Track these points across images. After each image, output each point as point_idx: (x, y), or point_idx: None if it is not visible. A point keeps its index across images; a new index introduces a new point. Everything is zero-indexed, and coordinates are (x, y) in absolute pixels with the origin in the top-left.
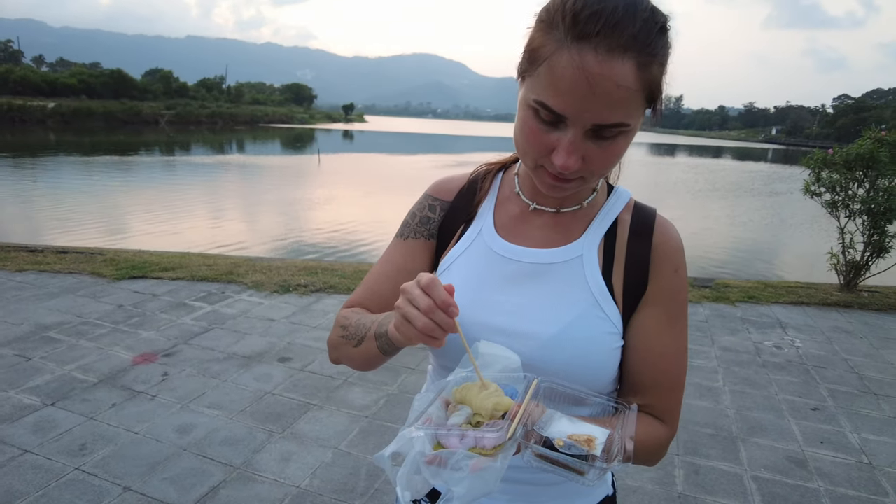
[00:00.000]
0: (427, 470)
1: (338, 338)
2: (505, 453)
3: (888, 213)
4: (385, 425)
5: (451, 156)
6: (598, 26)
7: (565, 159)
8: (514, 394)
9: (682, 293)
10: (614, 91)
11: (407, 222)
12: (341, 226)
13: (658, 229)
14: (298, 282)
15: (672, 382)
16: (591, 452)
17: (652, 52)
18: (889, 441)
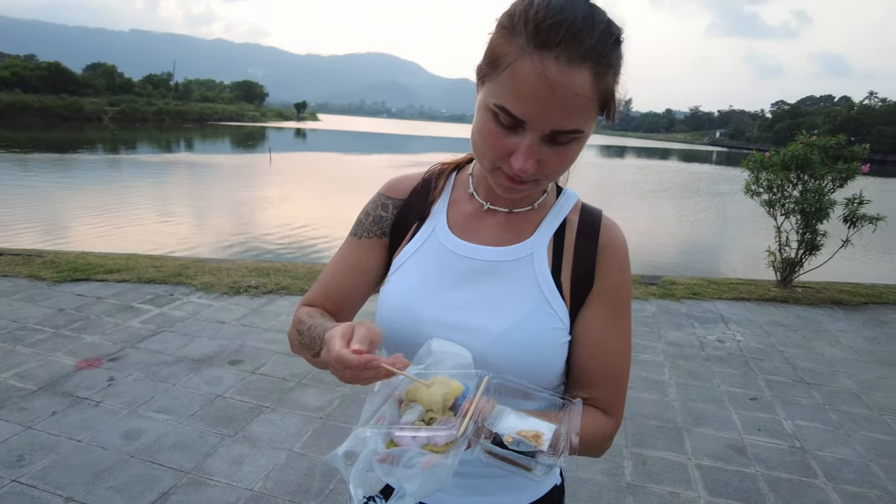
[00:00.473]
0: (380, 468)
1: (296, 340)
2: (456, 450)
3: (819, 213)
4: (339, 426)
5: (406, 156)
6: (559, 36)
7: (523, 163)
8: (464, 392)
9: (626, 291)
10: (572, 99)
11: (360, 221)
12: (293, 226)
13: (604, 230)
14: (249, 283)
15: (616, 376)
16: (538, 448)
17: (608, 62)
18: (819, 426)
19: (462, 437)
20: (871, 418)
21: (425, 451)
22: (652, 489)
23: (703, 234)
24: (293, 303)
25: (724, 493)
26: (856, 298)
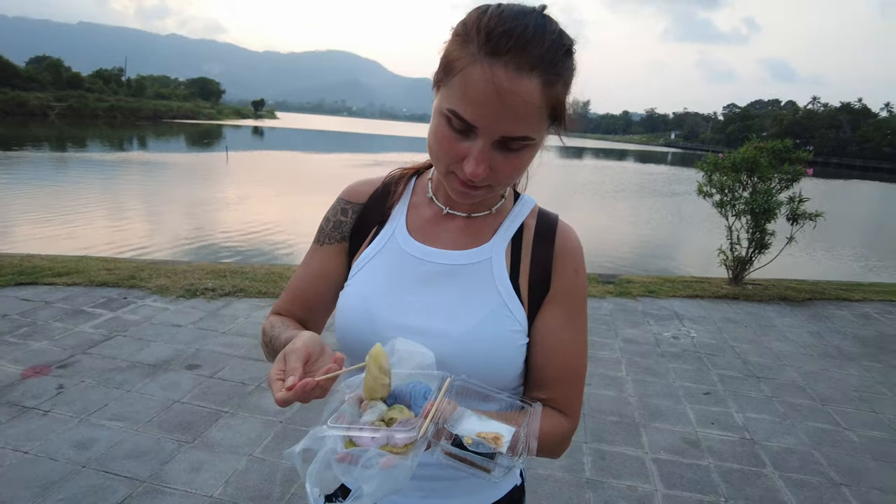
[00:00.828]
0: (338, 467)
1: (264, 348)
2: (416, 451)
3: (767, 213)
4: (300, 429)
5: (367, 155)
6: (509, 44)
7: (474, 167)
8: (427, 391)
9: (582, 292)
10: (521, 106)
11: (322, 228)
12: (252, 227)
13: (560, 233)
14: (206, 286)
15: (573, 377)
16: (497, 450)
17: (557, 71)
18: (767, 418)
19: (422, 439)
20: (814, 409)
21: (384, 451)
22: (611, 484)
23: (659, 233)
24: (251, 305)
25: (679, 485)
26: (801, 294)
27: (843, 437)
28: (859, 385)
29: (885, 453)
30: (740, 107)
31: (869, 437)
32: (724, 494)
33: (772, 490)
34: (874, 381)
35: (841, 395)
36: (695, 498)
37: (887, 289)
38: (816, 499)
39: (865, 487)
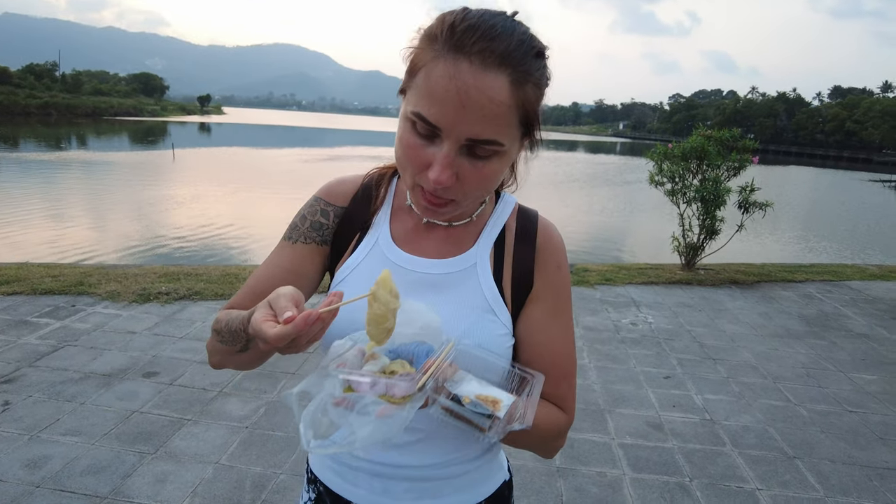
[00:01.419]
0: (334, 411)
1: (216, 343)
2: (413, 403)
3: (716, 201)
4: (267, 434)
5: (321, 150)
6: (473, 38)
7: (439, 173)
8: (430, 351)
9: (566, 288)
10: (487, 104)
11: (296, 225)
12: (204, 226)
13: (541, 231)
14: (159, 290)
15: (563, 371)
16: (495, 413)
17: (527, 70)
18: (724, 398)
19: (420, 392)
20: (766, 387)
21: (381, 400)
22: (580, 471)
23: (613, 222)
24: (208, 309)
25: (646, 468)
26: (750, 278)
27: (795, 413)
28: (806, 362)
29: (832, 425)
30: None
31: (817, 411)
32: (688, 474)
33: (732, 467)
34: (819, 357)
35: (790, 372)
36: (661, 480)
37: (826, 269)
38: (773, 473)
39: (816, 459)
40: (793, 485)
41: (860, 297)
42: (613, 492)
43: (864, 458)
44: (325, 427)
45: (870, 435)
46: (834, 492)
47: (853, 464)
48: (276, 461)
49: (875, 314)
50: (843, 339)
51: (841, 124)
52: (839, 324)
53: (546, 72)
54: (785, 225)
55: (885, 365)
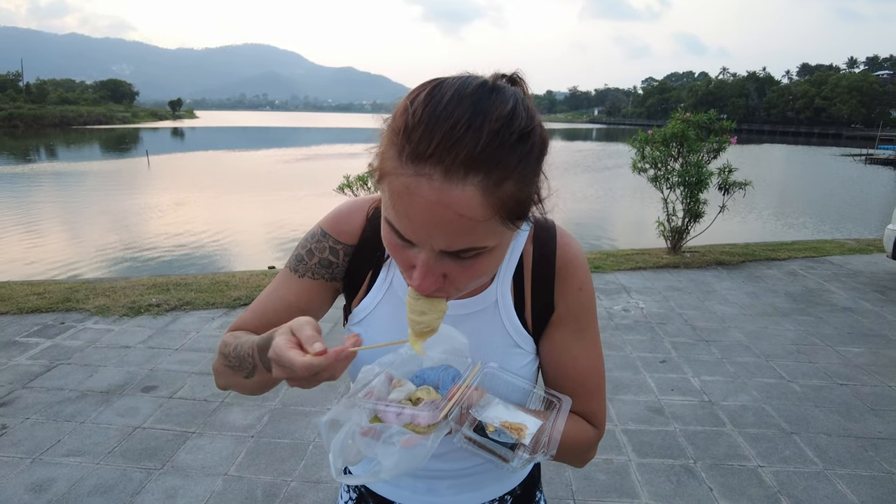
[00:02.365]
0: (361, 441)
1: (222, 367)
2: (437, 433)
3: (699, 184)
4: (274, 442)
5: (298, 149)
6: (431, 147)
7: (420, 281)
8: (456, 376)
9: (589, 307)
10: (455, 220)
11: (302, 258)
12: (187, 234)
13: (559, 254)
14: (150, 301)
15: (591, 388)
16: (519, 441)
17: (504, 168)
18: (720, 379)
19: (444, 421)
20: (760, 366)
21: (407, 430)
22: None
23: (596, 209)
24: (201, 318)
25: (650, 452)
26: (735, 258)
27: (789, 389)
28: (795, 338)
29: (825, 399)
30: (658, 80)
31: (809, 385)
32: (692, 456)
33: (733, 446)
34: (807, 333)
35: (781, 349)
36: (666, 463)
37: (807, 245)
38: (773, 449)
39: (813, 433)
40: (793, 460)
41: (842, 271)
42: (621, 478)
43: (857, 430)
44: (353, 454)
45: (861, 406)
46: (832, 464)
47: (848, 436)
48: (285, 469)
49: (857, 288)
50: (829, 314)
51: (810, 101)
52: (824, 299)
53: (535, 152)
54: (764, 203)
55: (870, 337)
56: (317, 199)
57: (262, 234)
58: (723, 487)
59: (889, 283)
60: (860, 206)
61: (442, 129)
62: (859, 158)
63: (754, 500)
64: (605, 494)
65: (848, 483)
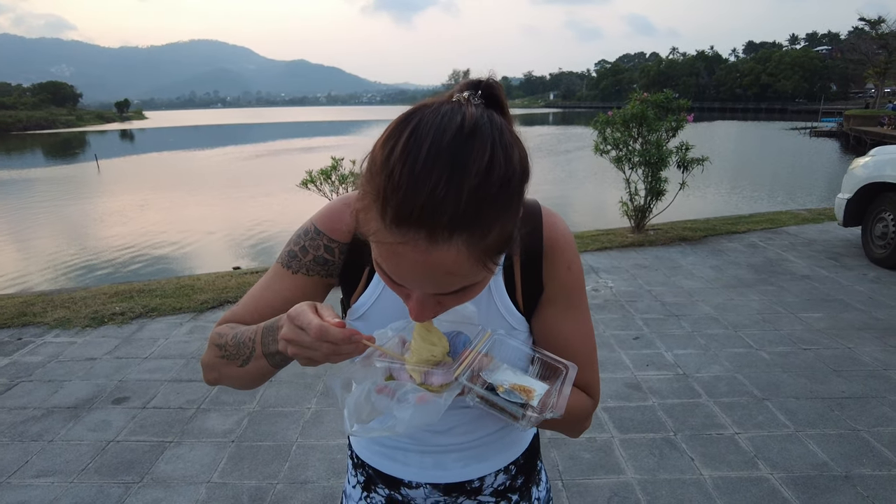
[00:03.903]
0: (376, 398)
1: (215, 358)
2: (450, 391)
3: (660, 163)
4: (256, 445)
5: (254, 146)
6: (414, 213)
7: (417, 313)
8: (467, 341)
9: (578, 284)
10: (443, 276)
11: (295, 255)
12: (146, 238)
13: (546, 232)
14: (113, 310)
15: (584, 361)
16: (528, 402)
17: (486, 221)
18: (692, 352)
19: (457, 381)
20: (729, 336)
21: (421, 388)
22: (571, 439)
23: (559, 192)
24: (169, 324)
25: (632, 428)
26: (697, 234)
27: (757, 357)
28: (760, 308)
29: (792, 365)
30: (610, 62)
31: (777, 352)
32: (672, 429)
33: (710, 416)
34: (771, 302)
35: (748, 319)
36: (648, 438)
37: (764, 217)
38: (747, 416)
39: (783, 398)
40: (766, 425)
41: (798, 241)
42: (605, 455)
43: (823, 391)
44: (366, 413)
45: (825, 369)
46: (802, 426)
47: (815, 398)
48: (269, 472)
49: (813, 256)
50: (789, 283)
51: (757, 78)
52: (783, 268)
53: (516, 191)
54: (720, 179)
55: (828, 302)
56: (278, 196)
57: (224, 234)
58: (703, 457)
59: (841, 250)
60: (808, 176)
61: (423, 193)
62: (804, 131)
63: (733, 466)
64: (591, 472)
65: (818, 442)
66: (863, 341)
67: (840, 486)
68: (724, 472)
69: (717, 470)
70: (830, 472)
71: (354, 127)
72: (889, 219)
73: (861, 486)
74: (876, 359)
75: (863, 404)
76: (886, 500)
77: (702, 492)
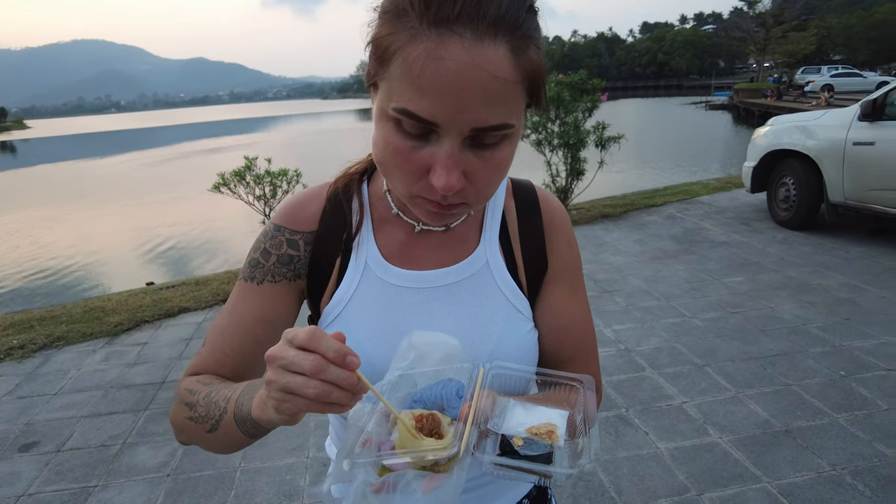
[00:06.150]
0: (375, 499)
1: (183, 419)
2: (460, 465)
3: (578, 144)
4: (195, 477)
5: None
6: (457, 8)
7: (446, 178)
8: (460, 389)
9: (578, 263)
10: (491, 84)
11: (257, 262)
12: (43, 260)
13: (544, 208)
14: (10, 344)
15: (587, 348)
16: (555, 445)
17: (526, 30)
18: (631, 326)
19: (465, 451)
20: (662, 307)
21: (424, 471)
22: None
23: None
24: (80, 353)
25: None
26: (618, 210)
27: (692, 325)
28: (687, 277)
29: (723, 328)
30: None
31: (708, 319)
32: (623, 405)
33: (657, 388)
34: (695, 270)
35: (677, 289)
36: (602, 417)
37: (678, 189)
38: (691, 384)
39: (720, 362)
40: (710, 391)
41: (711, 209)
42: None
43: (755, 352)
44: None
45: (753, 330)
46: (741, 387)
47: (748, 359)
48: (214, 503)
49: (727, 223)
50: (709, 250)
51: (654, 57)
52: (702, 237)
53: (540, 28)
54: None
55: (746, 266)
56: (187, 201)
57: (133, 247)
58: (657, 429)
59: (751, 215)
60: (709, 146)
61: None
62: (700, 105)
63: (686, 435)
64: None
65: (757, 401)
66: (781, 300)
67: (782, 440)
68: (678, 443)
69: (671, 441)
70: (772, 429)
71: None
72: (790, 183)
73: (800, 437)
74: (795, 315)
75: (790, 360)
76: (822, 447)
77: (661, 465)
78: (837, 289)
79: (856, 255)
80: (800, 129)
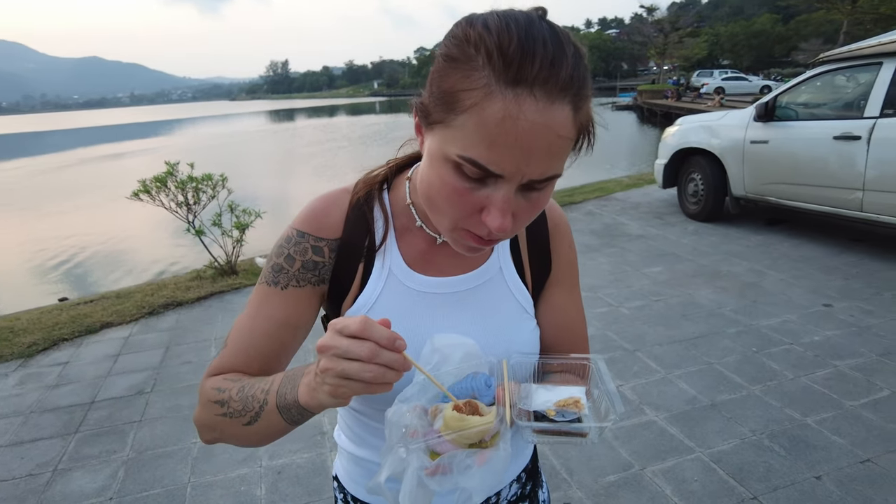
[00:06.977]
0: (432, 481)
1: (214, 417)
2: (504, 439)
3: None
4: (141, 497)
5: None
6: (535, 67)
7: (501, 220)
8: (487, 379)
9: (576, 263)
10: (555, 142)
11: (281, 268)
12: None
13: (549, 212)
14: None
15: (584, 343)
16: (581, 413)
17: (585, 87)
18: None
19: (505, 426)
20: (591, 298)
21: (473, 449)
22: None
23: None
24: (19, 368)
25: None
26: None
27: (619, 314)
28: (611, 269)
29: (649, 316)
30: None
31: (634, 307)
32: None
33: None
34: (618, 262)
35: (603, 281)
36: None
37: (595, 187)
38: (625, 369)
39: (649, 346)
40: (642, 374)
41: (626, 205)
42: None
43: (678, 335)
44: (423, 499)
45: (675, 315)
46: (670, 368)
47: (673, 342)
48: None
49: (642, 217)
50: (628, 243)
51: None
52: (620, 231)
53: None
54: None
55: (663, 257)
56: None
57: (39, 261)
58: None
59: (664, 210)
60: (617, 145)
61: (539, 50)
62: (607, 106)
63: (625, 415)
64: None
65: (685, 380)
66: (697, 287)
67: (710, 413)
68: (619, 423)
69: (613, 423)
70: (700, 404)
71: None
72: (698, 178)
73: (724, 410)
74: (711, 300)
75: (710, 340)
76: (743, 417)
77: (606, 445)
78: (744, 274)
79: (756, 242)
80: (705, 129)
